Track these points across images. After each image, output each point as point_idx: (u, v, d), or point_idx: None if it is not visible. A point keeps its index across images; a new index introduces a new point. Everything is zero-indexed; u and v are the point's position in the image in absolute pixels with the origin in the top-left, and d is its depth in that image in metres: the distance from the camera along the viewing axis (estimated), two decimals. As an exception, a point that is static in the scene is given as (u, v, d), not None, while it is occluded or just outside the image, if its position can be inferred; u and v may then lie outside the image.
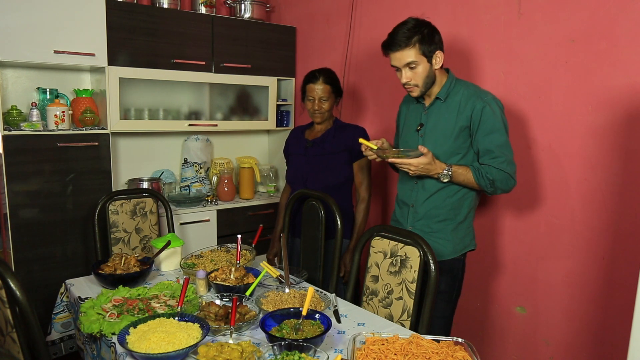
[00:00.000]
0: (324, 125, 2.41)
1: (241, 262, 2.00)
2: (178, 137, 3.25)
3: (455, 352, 1.28)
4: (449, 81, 1.85)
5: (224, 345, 1.35)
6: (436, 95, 1.85)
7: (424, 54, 1.77)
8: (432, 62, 1.79)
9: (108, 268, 1.89)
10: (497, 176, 1.74)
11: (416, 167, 1.74)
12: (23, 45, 2.36)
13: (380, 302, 1.79)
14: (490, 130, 1.75)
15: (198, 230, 2.94)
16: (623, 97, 1.81)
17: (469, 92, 1.81)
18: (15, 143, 2.36)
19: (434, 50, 1.78)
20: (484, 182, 1.75)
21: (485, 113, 1.76)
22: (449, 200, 1.85)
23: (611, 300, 1.90)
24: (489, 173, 1.74)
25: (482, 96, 1.79)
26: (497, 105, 1.79)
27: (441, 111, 1.85)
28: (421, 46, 1.76)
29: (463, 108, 1.80)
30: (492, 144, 1.76)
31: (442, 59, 1.80)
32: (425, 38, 1.75)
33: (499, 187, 1.76)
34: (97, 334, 1.50)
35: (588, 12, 1.88)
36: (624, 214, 1.85)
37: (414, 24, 1.77)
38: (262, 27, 3.16)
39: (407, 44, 1.75)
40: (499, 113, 1.77)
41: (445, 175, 1.77)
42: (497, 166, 1.74)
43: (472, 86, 1.84)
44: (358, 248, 1.90)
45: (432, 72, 1.81)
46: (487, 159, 1.76)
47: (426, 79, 1.81)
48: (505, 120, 1.80)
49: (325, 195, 2.17)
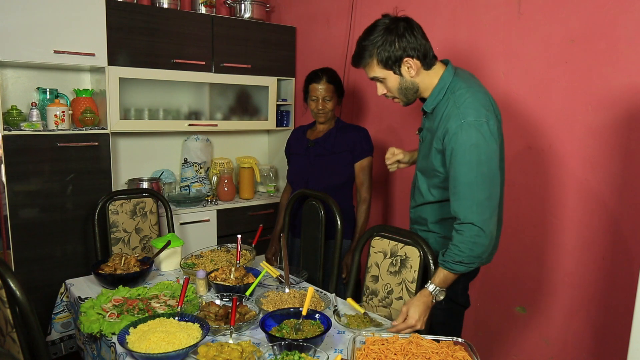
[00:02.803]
0: (326, 125, 2.41)
1: (241, 262, 2.00)
2: (178, 137, 3.25)
3: (455, 352, 1.28)
4: (439, 88, 1.55)
5: (224, 345, 1.35)
6: (422, 107, 1.61)
7: (387, 68, 1.53)
8: (401, 73, 1.53)
9: (108, 268, 1.89)
10: (467, 248, 1.44)
11: (416, 321, 1.47)
12: (23, 45, 2.36)
13: (380, 302, 1.79)
14: (456, 163, 1.45)
15: (198, 230, 2.94)
16: (623, 97, 1.81)
17: (451, 108, 1.48)
18: (15, 143, 2.36)
19: (399, 60, 1.50)
20: (462, 268, 1.47)
21: (453, 140, 1.44)
22: (433, 214, 1.69)
23: (611, 300, 1.90)
24: (457, 254, 1.45)
25: (461, 117, 1.44)
26: (478, 130, 1.42)
27: (431, 122, 1.59)
28: (379, 61, 1.51)
29: (440, 128, 1.51)
30: (451, 174, 1.48)
31: (416, 66, 1.52)
32: (382, 50, 1.49)
33: (482, 255, 1.46)
34: (97, 334, 1.50)
35: (588, 12, 1.88)
36: (624, 214, 1.85)
37: (369, 34, 1.52)
38: (262, 27, 3.16)
39: (363, 60, 1.54)
40: (475, 140, 1.42)
41: (438, 294, 1.51)
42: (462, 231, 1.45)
43: (463, 97, 1.49)
44: (358, 248, 1.90)
45: (406, 82, 1.55)
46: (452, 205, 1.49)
47: (402, 91, 1.57)
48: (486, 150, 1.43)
49: (325, 196, 2.17)
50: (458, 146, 1.44)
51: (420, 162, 1.70)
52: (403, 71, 1.53)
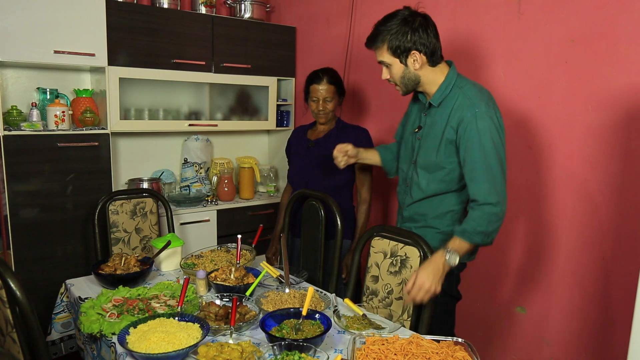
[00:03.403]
0: (326, 125, 2.41)
1: (241, 262, 2.00)
2: (178, 137, 3.25)
3: (455, 352, 1.28)
4: (446, 83, 1.67)
5: (224, 345, 1.35)
6: (429, 101, 1.71)
7: (395, 55, 1.64)
8: (406, 63, 1.65)
9: (108, 268, 1.89)
10: (484, 223, 1.56)
11: (422, 282, 1.52)
12: (23, 45, 2.36)
13: (381, 302, 1.79)
14: (473, 149, 1.57)
15: (198, 230, 2.94)
16: (623, 97, 1.81)
17: (463, 100, 1.62)
18: (15, 143, 2.36)
19: (407, 51, 1.62)
20: (479, 239, 1.57)
21: (469, 128, 1.57)
22: (432, 209, 1.76)
23: (611, 300, 1.90)
24: (477, 225, 1.56)
25: (475, 107, 1.58)
26: (491, 118, 1.57)
27: (436, 117, 1.70)
28: (389, 47, 1.63)
29: (452, 119, 1.63)
30: (468, 162, 1.59)
31: (422, 61, 1.64)
32: (394, 38, 1.61)
33: (494, 232, 1.58)
34: (97, 334, 1.50)
35: (588, 12, 1.88)
36: (624, 214, 1.85)
37: (388, 20, 1.62)
38: (262, 27, 3.16)
39: (375, 43, 1.65)
40: (489, 128, 1.56)
41: (451, 256, 1.55)
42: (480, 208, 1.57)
43: (472, 91, 1.63)
44: (358, 248, 1.90)
45: (409, 73, 1.66)
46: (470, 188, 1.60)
47: (403, 80, 1.69)
48: (499, 138, 1.58)
49: (325, 196, 2.17)
50: (475, 133, 1.56)
51: (422, 158, 1.75)
52: (409, 62, 1.65)
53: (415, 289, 1.53)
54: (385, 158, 2.03)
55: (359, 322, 1.58)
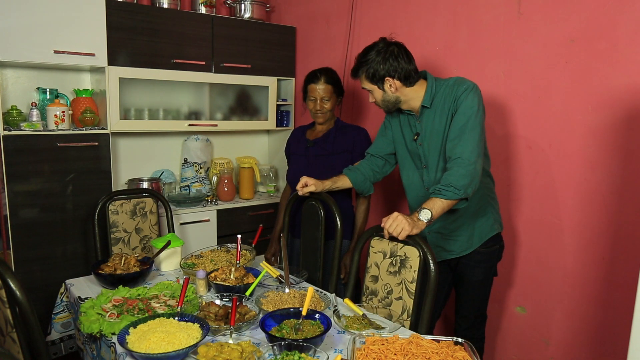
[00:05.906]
0: (325, 125, 2.41)
1: (241, 262, 2.00)
2: (178, 137, 3.25)
3: (455, 352, 1.28)
4: (430, 88, 1.84)
5: (223, 345, 1.35)
6: (421, 104, 1.85)
7: (373, 83, 1.85)
8: (383, 89, 1.85)
9: (108, 268, 1.89)
10: (468, 177, 1.65)
11: (398, 218, 1.65)
12: (23, 45, 2.36)
13: (380, 302, 1.79)
14: (465, 113, 1.73)
15: (198, 230, 2.94)
16: (623, 97, 1.81)
17: (449, 85, 1.81)
18: (15, 143, 2.36)
19: (382, 78, 1.82)
20: (454, 193, 1.64)
21: (463, 97, 1.75)
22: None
23: (611, 300, 1.90)
24: (458, 180, 1.65)
25: (464, 84, 1.78)
26: (478, 96, 1.77)
27: (431, 116, 1.85)
28: (367, 76, 1.84)
29: (449, 101, 1.79)
30: (457, 124, 1.73)
31: (396, 85, 1.82)
32: (370, 68, 1.82)
33: (472, 187, 1.67)
34: (97, 334, 1.50)
35: (588, 12, 1.88)
36: (624, 214, 1.85)
37: (366, 53, 1.83)
38: (262, 27, 3.16)
39: (357, 74, 1.88)
40: (478, 100, 1.75)
41: (421, 212, 1.65)
42: (463, 165, 1.67)
43: (452, 79, 1.84)
44: (357, 248, 1.90)
45: (388, 96, 1.86)
46: (448, 147, 1.74)
47: (385, 102, 1.89)
48: (483, 112, 1.76)
49: (325, 196, 2.16)
50: (466, 101, 1.74)
51: (432, 156, 1.87)
52: (385, 87, 1.85)
53: (391, 220, 1.65)
54: (356, 180, 2.13)
55: (359, 322, 1.58)
